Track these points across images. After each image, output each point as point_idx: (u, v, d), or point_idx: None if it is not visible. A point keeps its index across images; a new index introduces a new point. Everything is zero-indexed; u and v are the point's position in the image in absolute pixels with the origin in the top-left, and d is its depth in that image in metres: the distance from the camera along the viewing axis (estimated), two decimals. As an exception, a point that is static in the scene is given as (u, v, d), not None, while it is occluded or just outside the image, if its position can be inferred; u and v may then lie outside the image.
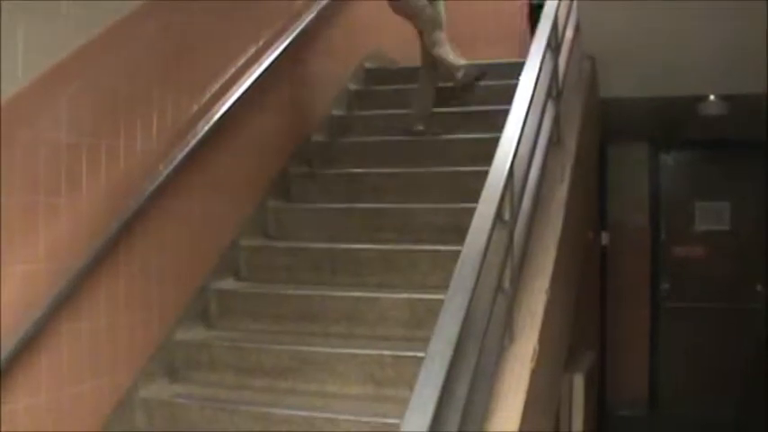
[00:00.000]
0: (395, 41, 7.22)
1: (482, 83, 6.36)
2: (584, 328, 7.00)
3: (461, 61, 6.32)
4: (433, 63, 6.29)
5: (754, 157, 8.40)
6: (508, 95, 4.25)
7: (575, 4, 5.94)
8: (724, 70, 6.10)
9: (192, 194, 4.63)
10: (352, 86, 6.94)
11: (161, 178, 4.26)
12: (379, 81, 7.09)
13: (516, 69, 4.53)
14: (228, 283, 4.95)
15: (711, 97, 7.09)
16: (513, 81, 4.36)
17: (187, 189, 4.55)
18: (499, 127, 3.95)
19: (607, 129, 7.48)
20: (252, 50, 5.31)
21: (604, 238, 8.74)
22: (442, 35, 6.25)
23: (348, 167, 5.81)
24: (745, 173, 8.63)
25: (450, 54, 6.27)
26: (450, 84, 6.40)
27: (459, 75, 6.29)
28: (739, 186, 8.70)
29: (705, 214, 8.83)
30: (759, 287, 8.48)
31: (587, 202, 6.50)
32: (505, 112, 4.05)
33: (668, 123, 8.05)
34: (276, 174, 5.66)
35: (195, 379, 4.38)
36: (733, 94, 6.76)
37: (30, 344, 3.42)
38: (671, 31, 5.83)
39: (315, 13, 6.09)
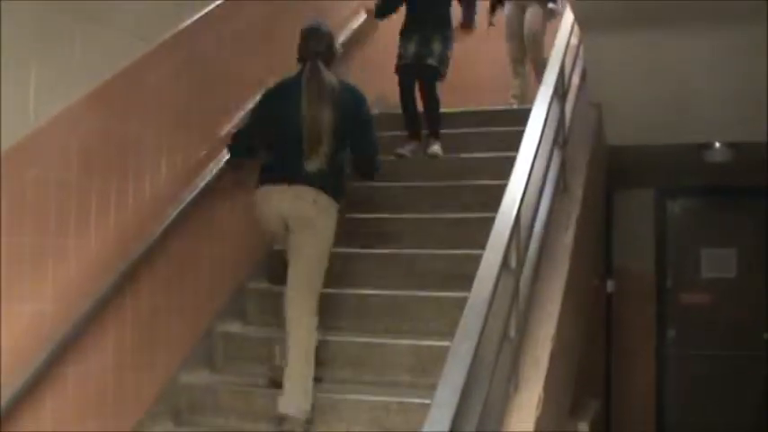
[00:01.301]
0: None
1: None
2: (589, 376, 6.98)
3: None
4: None
5: (760, 204, 8.40)
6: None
7: (581, 51, 5.99)
8: (729, 118, 6.12)
9: (201, 237, 4.65)
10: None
11: (169, 220, 4.28)
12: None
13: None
14: (235, 327, 4.94)
15: (717, 144, 7.11)
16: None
17: (195, 232, 4.57)
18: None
19: (613, 176, 7.50)
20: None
21: (610, 285, 8.72)
22: None
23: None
24: (752, 220, 8.62)
25: None
26: None
27: None
28: (745, 233, 8.68)
29: (711, 261, 8.81)
30: (766, 334, 8.44)
31: (593, 250, 6.51)
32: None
33: (674, 170, 8.06)
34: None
35: (200, 422, 4.37)
36: (738, 141, 6.78)
37: (36, 383, 3.42)
38: (677, 79, 5.86)
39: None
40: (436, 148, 6.37)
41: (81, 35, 3.79)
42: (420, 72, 6.50)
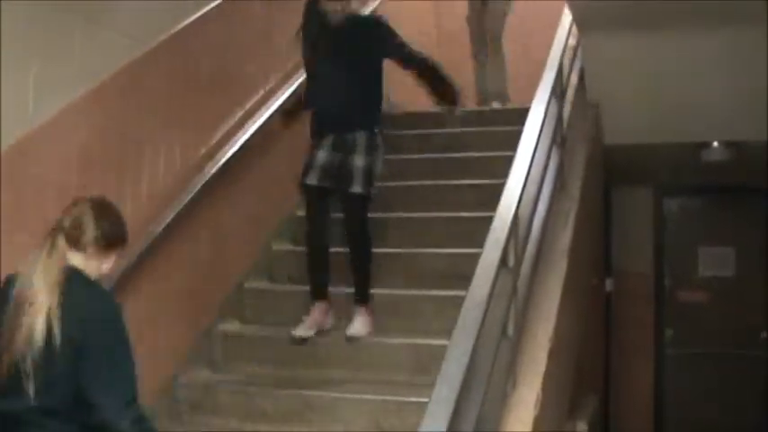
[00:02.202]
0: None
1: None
2: (587, 375, 6.98)
3: None
4: None
5: (759, 203, 8.42)
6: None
7: (579, 50, 5.99)
8: (728, 117, 6.13)
9: (198, 238, 4.65)
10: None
11: (168, 220, 4.28)
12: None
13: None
14: (233, 326, 4.94)
15: (715, 144, 7.12)
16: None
17: (193, 232, 4.56)
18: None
19: (611, 175, 7.51)
20: (259, 94, 5.37)
21: (609, 284, 8.73)
22: None
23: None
24: (750, 219, 8.63)
25: None
26: None
27: None
28: (744, 232, 8.70)
29: (709, 260, 8.82)
30: (764, 333, 8.45)
31: (591, 249, 6.51)
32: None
33: (672, 169, 8.07)
34: (283, 217, 5.69)
35: (199, 422, 4.37)
36: (737, 140, 6.78)
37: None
38: (675, 78, 5.87)
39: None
40: (358, 325, 4.57)
41: (80, 36, 3.80)
42: (339, 197, 4.69)
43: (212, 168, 4.70)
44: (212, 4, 4.82)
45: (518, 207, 3.72)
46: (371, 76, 4.70)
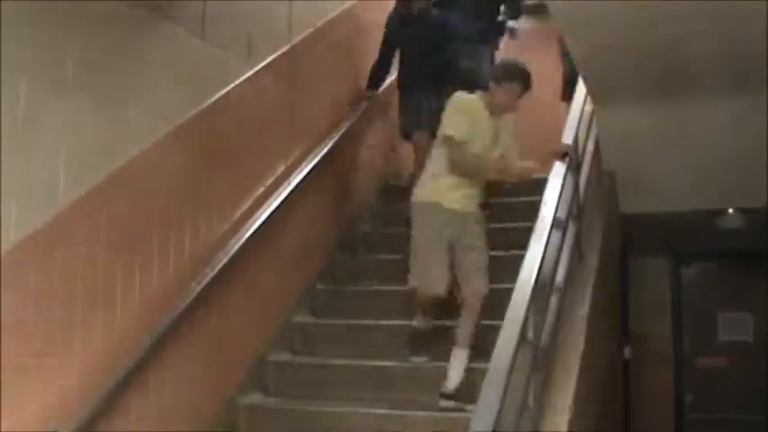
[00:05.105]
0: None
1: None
2: (608, 443, 6.95)
3: None
4: None
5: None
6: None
7: (594, 119, 6.07)
8: (742, 183, 6.18)
9: (222, 310, 4.71)
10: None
11: (193, 295, 4.35)
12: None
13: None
14: (256, 398, 4.98)
15: (730, 210, 7.17)
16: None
17: (218, 306, 4.63)
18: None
19: (628, 242, 7.54)
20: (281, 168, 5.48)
21: (627, 351, 8.72)
22: None
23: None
24: (767, 284, 8.65)
25: None
26: None
27: None
28: (761, 297, 8.70)
29: (728, 325, 8.81)
30: (784, 399, 8.40)
31: (609, 316, 6.53)
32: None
33: (689, 236, 8.11)
34: (303, 290, 5.75)
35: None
36: (751, 207, 6.83)
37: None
38: (689, 146, 5.94)
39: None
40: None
41: (107, 116, 3.92)
42: None
43: (235, 244, 4.77)
44: (232, 85, 4.95)
45: (537, 280, 3.77)
46: None
